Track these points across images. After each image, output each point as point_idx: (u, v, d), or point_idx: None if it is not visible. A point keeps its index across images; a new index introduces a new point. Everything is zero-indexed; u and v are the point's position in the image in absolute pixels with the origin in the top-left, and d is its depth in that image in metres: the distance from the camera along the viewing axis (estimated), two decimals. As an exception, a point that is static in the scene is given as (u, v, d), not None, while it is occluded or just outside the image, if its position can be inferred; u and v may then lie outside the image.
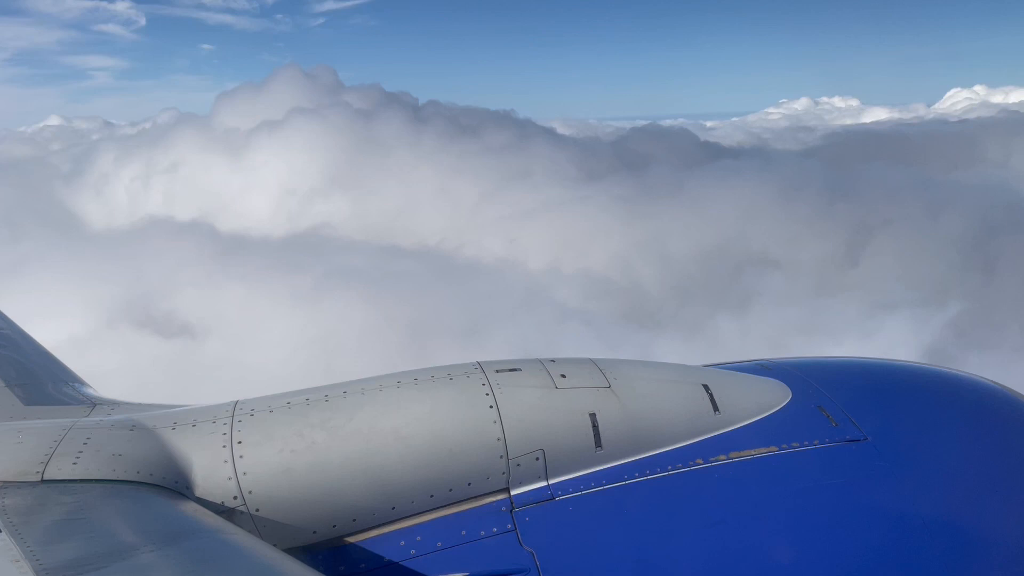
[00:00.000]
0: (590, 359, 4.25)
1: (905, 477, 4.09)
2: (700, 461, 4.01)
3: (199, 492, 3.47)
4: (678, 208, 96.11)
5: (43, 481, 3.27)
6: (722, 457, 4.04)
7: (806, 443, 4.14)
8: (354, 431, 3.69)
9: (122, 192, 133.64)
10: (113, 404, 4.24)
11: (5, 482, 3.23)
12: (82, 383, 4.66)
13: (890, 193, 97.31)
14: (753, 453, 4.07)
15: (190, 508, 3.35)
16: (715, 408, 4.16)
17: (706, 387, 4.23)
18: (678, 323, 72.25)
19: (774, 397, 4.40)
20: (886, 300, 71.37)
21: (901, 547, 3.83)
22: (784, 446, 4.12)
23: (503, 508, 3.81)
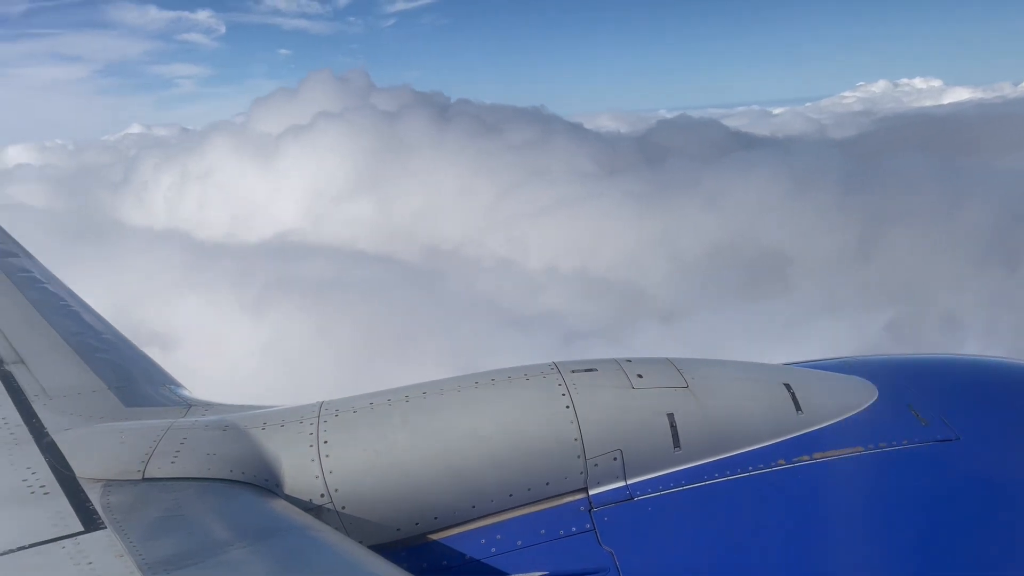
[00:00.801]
0: (667, 359, 4.22)
1: (1000, 478, 3.98)
2: (782, 462, 3.94)
3: (288, 490, 3.55)
4: (685, 205, 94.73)
5: (144, 479, 3.39)
6: (805, 458, 3.96)
7: (894, 443, 4.03)
8: (434, 431, 3.74)
9: (160, 198, 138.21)
10: (207, 405, 4.37)
11: (109, 480, 3.37)
12: (178, 385, 4.83)
13: (907, 184, 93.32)
14: (838, 453, 3.99)
15: (280, 505, 3.44)
16: (797, 407, 4.07)
17: (787, 386, 4.15)
18: (676, 322, 71.01)
19: (859, 396, 4.28)
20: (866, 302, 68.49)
21: (995, 552, 3.74)
22: (871, 446, 4.02)
23: (581, 508, 3.81)
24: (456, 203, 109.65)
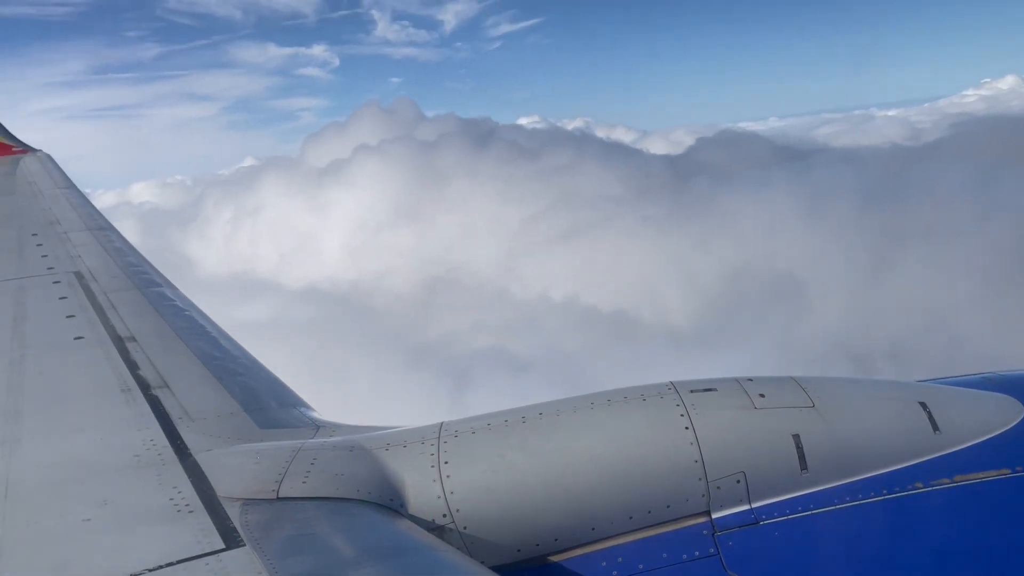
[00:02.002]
0: (791, 377, 4.08)
1: None
2: (920, 485, 3.76)
3: (412, 510, 3.61)
4: (693, 229, 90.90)
5: (278, 498, 3.53)
6: (945, 481, 3.76)
7: None
8: (551, 452, 3.73)
9: (219, 234, 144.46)
10: (334, 427, 4.49)
11: (247, 499, 3.52)
12: (307, 407, 5.00)
13: (927, 199, 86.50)
14: (981, 476, 3.78)
15: (405, 525, 3.51)
16: (935, 427, 3.86)
17: (923, 404, 3.94)
18: (666, 350, 68.53)
19: (1004, 414, 4.03)
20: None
21: None
22: (1019, 468, 3.80)
23: (704, 531, 3.72)
24: (473, 233, 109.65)
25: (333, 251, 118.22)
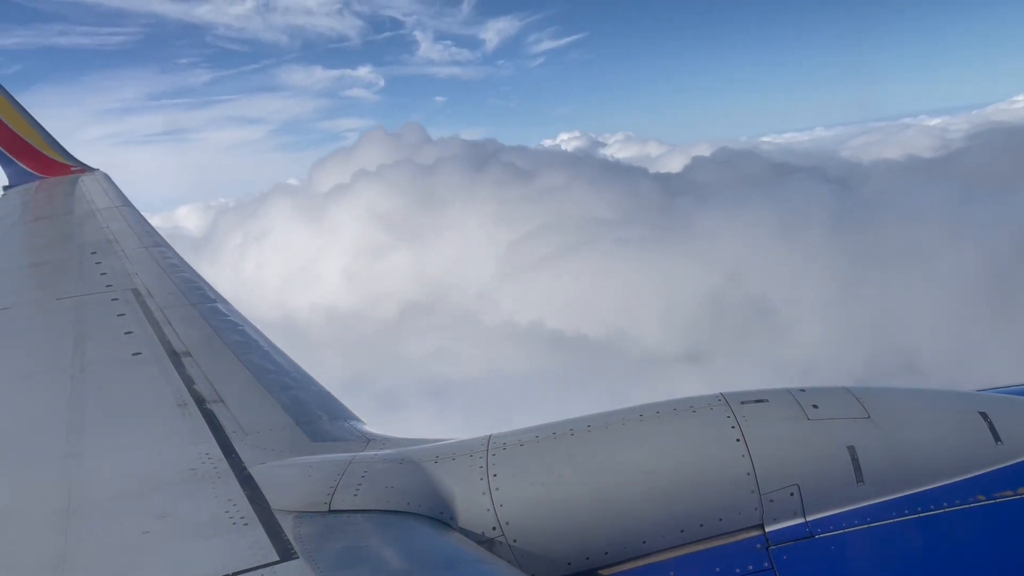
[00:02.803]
0: (845, 387, 4.03)
1: None
2: (982, 498, 3.67)
3: (461, 523, 3.64)
4: (672, 251, 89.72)
5: (330, 511, 3.59)
6: (1008, 493, 3.67)
7: None
8: (600, 464, 3.73)
9: (226, 259, 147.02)
10: (385, 440, 4.56)
11: (300, 511, 3.59)
12: (358, 420, 5.09)
13: (892, 221, 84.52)
14: None
15: (455, 538, 3.55)
16: (996, 438, 3.77)
17: (984, 415, 3.85)
18: (630, 374, 67.99)
19: None
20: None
21: None
22: None
23: (758, 545, 3.68)
24: (461, 257, 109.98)
25: (329, 277, 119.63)
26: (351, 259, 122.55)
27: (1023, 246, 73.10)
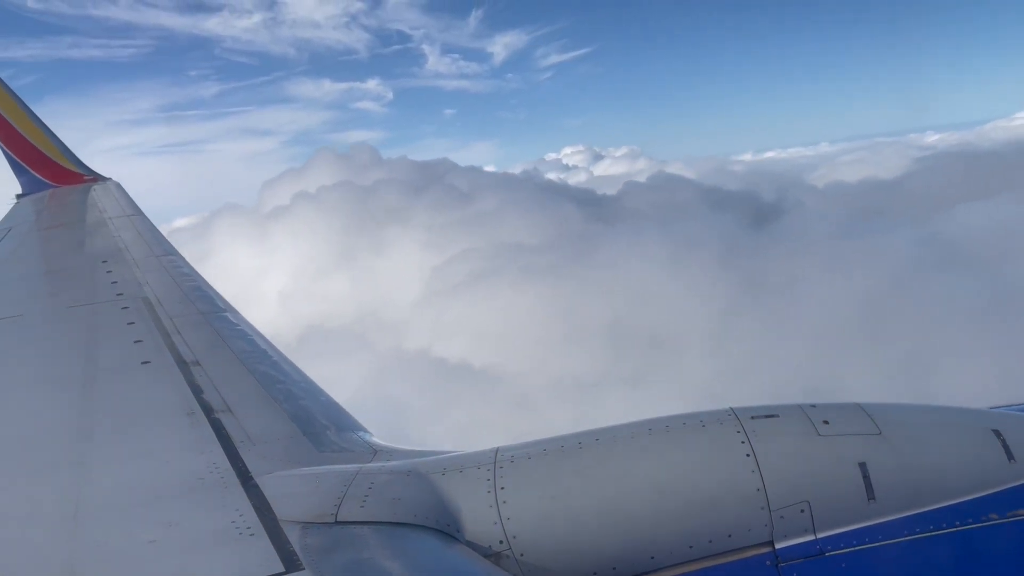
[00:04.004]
0: (856, 403, 4.01)
1: None
2: (995, 516, 3.63)
3: (468, 536, 3.62)
4: (575, 279, 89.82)
5: (336, 522, 3.58)
6: (1022, 512, 3.64)
7: None
8: (609, 479, 3.72)
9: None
10: (391, 451, 4.56)
11: (306, 522, 3.59)
12: (365, 431, 5.10)
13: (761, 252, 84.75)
14: None
15: (462, 551, 3.54)
16: (1009, 456, 3.73)
17: (997, 432, 3.82)
18: (511, 402, 67.87)
19: None
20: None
21: None
22: None
23: (767, 562, 3.65)
24: (381, 282, 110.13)
25: (264, 299, 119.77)
26: (287, 281, 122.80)
27: (899, 278, 73.28)
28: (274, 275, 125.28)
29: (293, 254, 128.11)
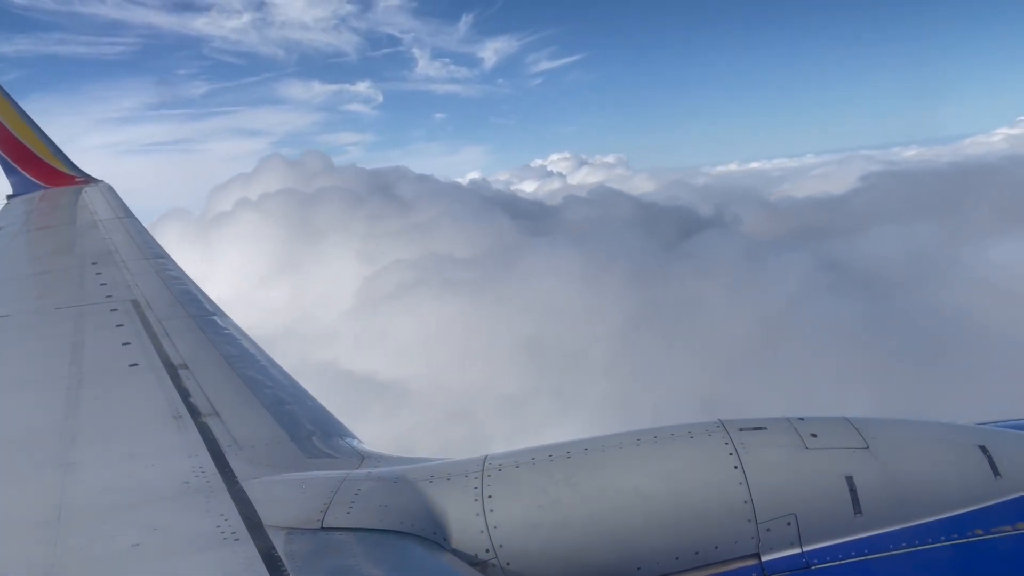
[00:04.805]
0: (844, 417, 4.02)
1: None
2: (980, 532, 3.65)
3: (454, 543, 3.62)
4: (485, 296, 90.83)
5: (323, 528, 3.57)
6: (1007, 528, 3.64)
7: None
8: (596, 488, 3.72)
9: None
10: (379, 457, 4.55)
11: (292, 528, 3.57)
12: (353, 436, 5.08)
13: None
14: None
15: (448, 559, 3.53)
16: (995, 472, 3.76)
17: (983, 448, 3.84)
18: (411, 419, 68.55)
19: None
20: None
21: None
22: None
23: (754, 574, 3.67)
24: (311, 293, 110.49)
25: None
26: (225, 289, 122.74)
27: (790, 301, 74.97)
28: (212, 282, 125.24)
29: (232, 262, 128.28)
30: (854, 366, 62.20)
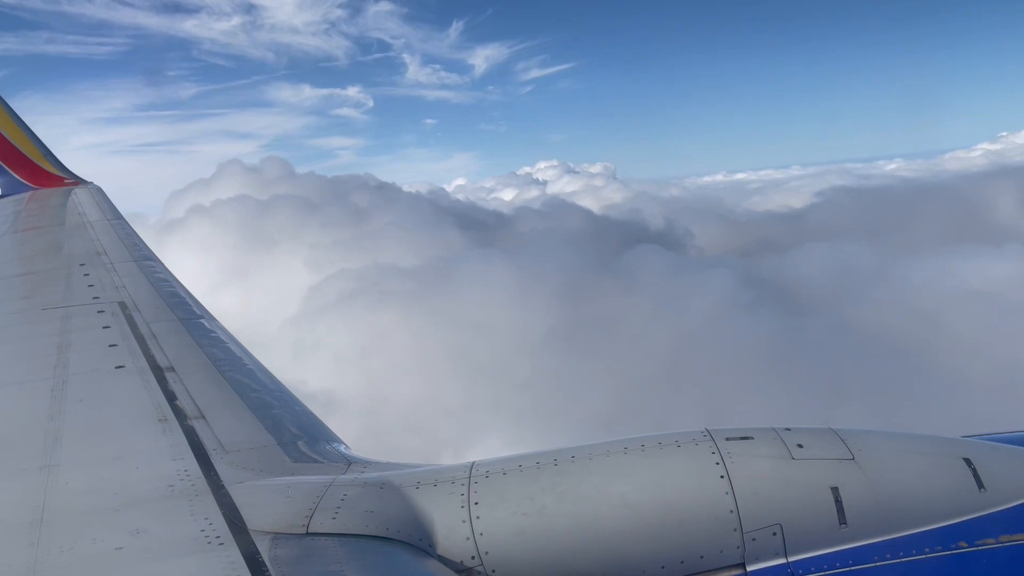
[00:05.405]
0: (830, 428, 4.04)
1: None
2: (964, 544, 3.67)
3: (440, 550, 3.61)
4: (416, 308, 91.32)
5: (308, 534, 3.55)
6: (990, 541, 3.67)
7: None
8: (583, 496, 3.72)
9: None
10: (365, 463, 4.51)
11: (277, 533, 3.55)
12: (339, 442, 5.07)
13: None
14: None
15: (433, 566, 3.52)
16: (980, 485, 3.78)
17: (968, 461, 3.87)
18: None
19: None
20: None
21: None
22: None
23: None
24: (257, 301, 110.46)
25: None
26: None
27: (708, 317, 75.76)
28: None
29: (181, 269, 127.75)
30: (762, 382, 63.22)
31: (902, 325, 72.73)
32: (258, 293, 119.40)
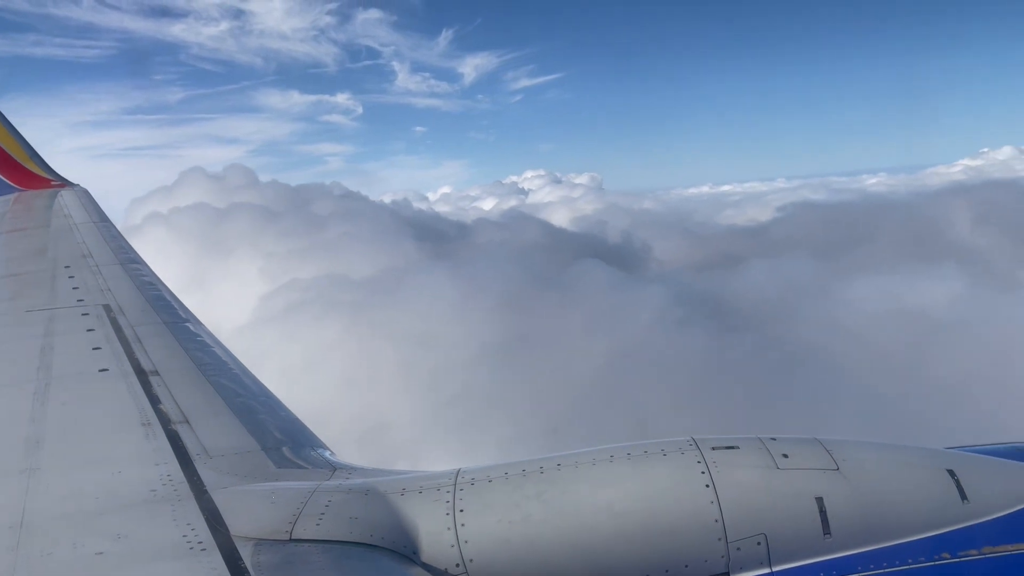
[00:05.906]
0: (815, 438, 4.04)
1: None
2: (947, 555, 3.67)
3: (425, 557, 3.59)
4: (361, 321, 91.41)
5: (291, 540, 3.52)
6: (973, 552, 3.67)
7: None
8: (569, 505, 3.71)
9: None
10: (351, 469, 4.49)
11: (260, 539, 3.51)
12: (324, 448, 5.03)
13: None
14: (1012, 549, 3.69)
15: (417, 573, 3.51)
16: (963, 496, 3.79)
17: (951, 472, 3.88)
18: None
19: None
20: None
21: None
22: None
23: None
24: (207, 308, 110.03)
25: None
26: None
27: (640, 333, 76.25)
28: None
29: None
30: (686, 397, 63.70)
31: (829, 343, 73.44)
32: (210, 302, 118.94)
